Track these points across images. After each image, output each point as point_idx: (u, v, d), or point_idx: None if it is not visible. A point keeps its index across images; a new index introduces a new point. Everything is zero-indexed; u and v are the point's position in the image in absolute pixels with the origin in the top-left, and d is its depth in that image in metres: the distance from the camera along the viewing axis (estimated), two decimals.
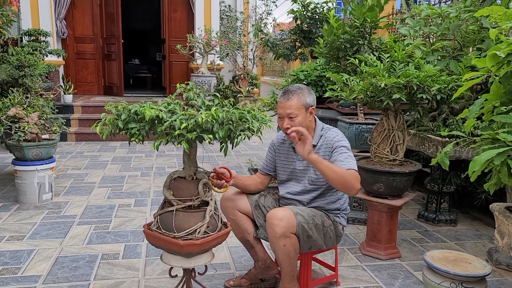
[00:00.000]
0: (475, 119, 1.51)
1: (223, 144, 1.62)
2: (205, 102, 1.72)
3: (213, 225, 1.77)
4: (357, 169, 1.99)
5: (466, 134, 1.66)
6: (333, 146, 2.11)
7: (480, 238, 3.23)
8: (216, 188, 2.01)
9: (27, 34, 6.44)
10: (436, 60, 2.89)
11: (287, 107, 2.05)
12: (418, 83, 2.47)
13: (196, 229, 1.69)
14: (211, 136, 1.53)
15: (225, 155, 1.65)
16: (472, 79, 1.54)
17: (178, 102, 1.73)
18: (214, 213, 1.79)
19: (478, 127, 2.51)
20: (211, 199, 1.78)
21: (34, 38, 6.45)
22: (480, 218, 3.60)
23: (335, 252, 2.44)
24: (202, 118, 1.49)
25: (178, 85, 1.80)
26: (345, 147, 2.10)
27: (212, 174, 1.99)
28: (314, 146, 2.14)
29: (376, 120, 3.30)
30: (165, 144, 1.59)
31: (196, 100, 1.69)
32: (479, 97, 2.92)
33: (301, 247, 2.07)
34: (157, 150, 1.61)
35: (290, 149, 2.27)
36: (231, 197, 2.25)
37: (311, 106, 2.11)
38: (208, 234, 1.73)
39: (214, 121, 1.52)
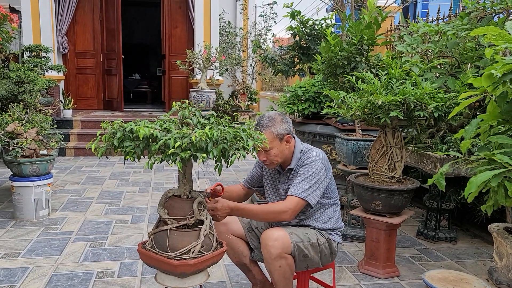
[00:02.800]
0: (474, 137, 1.50)
1: (218, 163, 1.61)
2: (200, 120, 1.71)
3: (208, 244, 1.74)
4: (304, 195, 1.98)
5: (463, 154, 1.65)
6: (300, 165, 2.09)
7: (481, 256, 3.20)
8: None
9: (28, 50, 6.50)
10: (434, 77, 2.89)
11: None
12: (415, 100, 2.47)
13: (190, 249, 1.66)
14: (205, 155, 1.52)
15: (219, 174, 1.64)
16: (469, 98, 1.53)
17: (173, 120, 1.72)
18: (209, 232, 1.77)
19: (476, 145, 2.50)
20: (206, 218, 1.76)
21: (35, 53, 6.51)
22: (481, 235, 3.57)
23: (333, 270, 2.40)
24: (196, 137, 1.48)
25: (174, 103, 1.79)
26: (308, 167, 2.04)
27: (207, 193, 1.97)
28: (293, 170, 2.12)
29: (374, 136, 3.29)
30: (160, 163, 1.57)
31: (191, 119, 1.69)
32: (477, 113, 2.92)
33: (298, 266, 2.04)
34: (151, 169, 1.60)
35: (275, 172, 2.24)
36: (223, 221, 2.16)
37: (287, 135, 2.07)
38: (203, 254, 1.70)
39: (208, 140, 1.51)
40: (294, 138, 2.17)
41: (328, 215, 2.18)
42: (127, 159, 1.62)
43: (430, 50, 3.10)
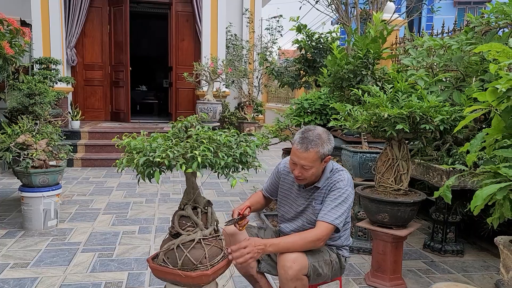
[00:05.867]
0: (479, 150, 1.52)
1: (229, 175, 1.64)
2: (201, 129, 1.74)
3: (217, 253, 1.77)
4: (337, 222, 1.97)
5: (469, 167, 1.67)
6: (332, 188, 2.06)
7: (488, 269, 3.19)
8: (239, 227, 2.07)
9: (38, 62, 6.62)
10: (439, 91, 2.92)
11: (302, 158, 1.96)
12: (421, 114, 2.49)
13: (203, 260, 1.69)
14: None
15: (232, 186, 1.66)
16: (474, 111, 1.56)
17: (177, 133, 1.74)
18: (218, 239, 1.80)
19: (482, 158, 2.52)
20: (214, 228, 1.79)
21: (45, 66, 6.62)
22: (488, 248, 3.56)
23: (340, 283, 2.41)
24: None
25: (176, 122, 1.81)
26: (341, 192, 2.03)
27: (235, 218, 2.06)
28: (318, 188, 2.10)
29: (381, 148, 3.32)
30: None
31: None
32: (483, 126, 2.94)
33: (310, 283, 2.04)
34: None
35: (294, 183, 2.20)
36: (231, 232, 2.17)
37: (328, 156, 2.02)
38: (215, 262, 1.73)
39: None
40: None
41: (339, 234, 2.17)
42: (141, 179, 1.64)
43: (435, 64, 3.14)
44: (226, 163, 1.55)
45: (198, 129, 1.68)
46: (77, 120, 7.43)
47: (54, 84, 6.48)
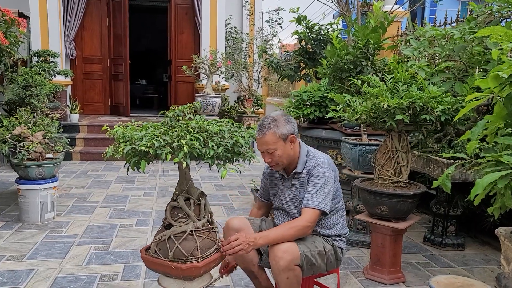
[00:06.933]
0: (480, 140, 1.48)
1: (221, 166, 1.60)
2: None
3: (210, 245, 1.73)
4: (321, 206, 1.98)
5: (470, 156, 1.62)
6: (310, 173, 2.07)
7: (489, 263, 3.15)
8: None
9: (36, 55, 6.57)
10: (441, 82, 2.87)
11: (263, 143, 1.99)
12: (421, 104, 2.44)
13: (194, 252, 1.65)
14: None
15: (222, 177, 1.61)
16: (476, 99, 1.51)
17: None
18: (212, 231, 1.76)
19: (483, 148, 2.47)
20: (208, 220, 1.75)
21: (43, 58, 6.57)
22: (489, 242, 3.51)
23: (337, 276, 2.37)
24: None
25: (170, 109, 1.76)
26: (321, 176, 2.04)
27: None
28: (300, 173, 2.10)
29: (380, 141, 3.27)
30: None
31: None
32: (484, 118, 2.89)
33: (304, 274, 2.01)
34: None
35: (278, 176, 2.22)
36: (235, 227, 2.12)
37: (291, 135, 2.04)
38: (207, 255, 1.69)
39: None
40: (299, 141, 2.15)
41: (334, 221, 2.15)
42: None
43: (437, 54, 3.08)
44: (217, 153, 1.50)
45: (190, 118, 1.64)
46: (76, 113, 7.39)
47: (52, 77, 6.43)
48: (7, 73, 4.74)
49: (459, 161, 2.61)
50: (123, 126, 1.62)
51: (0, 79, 5.09)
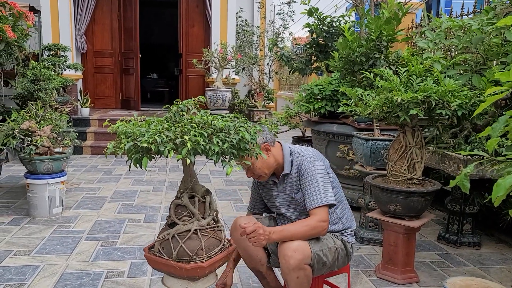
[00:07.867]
0: (500, 137, 1.38)
1: (226, 162, 1.53)
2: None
3: (215, 244, 1.67)
4: (326, 200, 1.92)
5: (489, 154, 1.53)
6: (300, 173, 2.01)
7: (506, 262, 3.04)
8: None
9: (46, 48, 6.57)
10: (457, 75, 2.76)
11: (239, 162, 1.95)
12: (437, 98, 2.34)
13: (199, 252, 1.59)
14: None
15: (227, 174, 1.55)
16: (496, 94, 1.41)
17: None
18: (217, 230, 1.69)
19: (503, 145, 2.36)
20: (214, 218, 1.69)
21: (54, 52, 6.57)
22: (506, 240, 3.40)
23: (348, 275, 2.30)
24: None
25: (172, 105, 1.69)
26: (311, 171, 1.98)
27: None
28: (288, 174, 2.04)
29: (393, 136, 3.17)
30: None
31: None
32: (503, 113, 2.77)
33: (315, 273, 1.94)
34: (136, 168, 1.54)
35: (269, 185, 2.16)
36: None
37: (263, 144, 1.99)
38: (213, 254, 1.63)
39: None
40: (279, 143, 2.10)
41: (338, 214, 2.09)
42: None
43: (453, 46, 2.96)
44: (222, 149, 1.43)
45: (194, 113, 1.57)
46: (86, 107, 7.40)
47: (63, 71, 6.43)
48: (19, 67, 4.73)
49: (476, 157, 2.50)
50: (125, 121, 1.56)
51: (12, 73, 5.09)
